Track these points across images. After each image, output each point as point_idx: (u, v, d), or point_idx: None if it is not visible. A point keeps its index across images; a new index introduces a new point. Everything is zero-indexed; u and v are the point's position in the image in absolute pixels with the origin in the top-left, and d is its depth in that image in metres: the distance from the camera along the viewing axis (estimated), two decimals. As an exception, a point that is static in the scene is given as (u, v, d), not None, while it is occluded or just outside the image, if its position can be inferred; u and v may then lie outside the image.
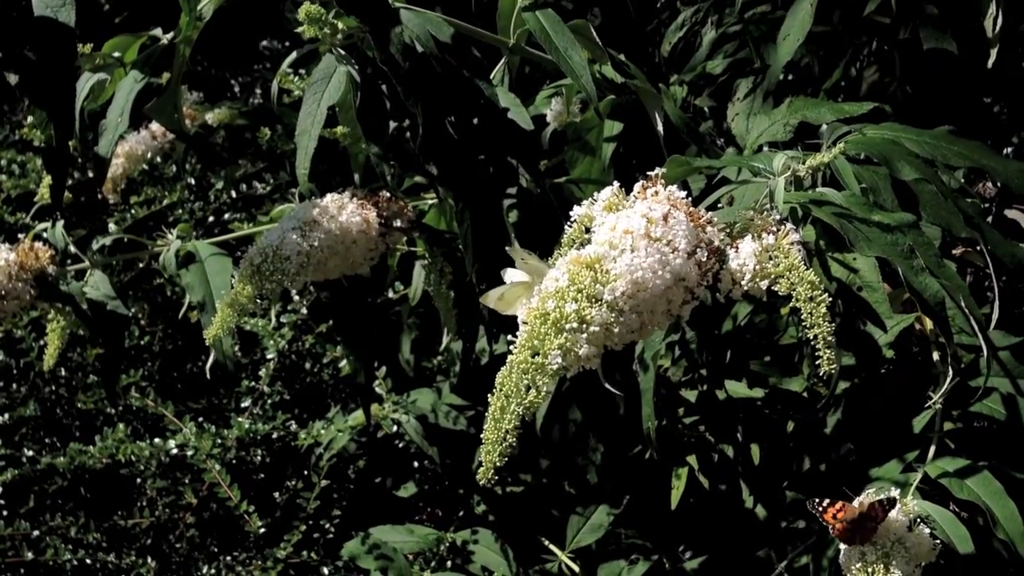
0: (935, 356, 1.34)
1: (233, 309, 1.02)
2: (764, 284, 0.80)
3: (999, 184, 1.79)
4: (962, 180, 1.85)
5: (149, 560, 1.75)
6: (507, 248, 0.82)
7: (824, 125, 1.26)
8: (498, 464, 0.69)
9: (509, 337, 0.75)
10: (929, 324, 1.40)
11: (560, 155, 1.55)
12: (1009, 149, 2.23)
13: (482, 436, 0.70)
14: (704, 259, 0.79)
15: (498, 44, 1.25)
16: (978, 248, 1.18)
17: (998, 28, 1.47)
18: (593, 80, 1.35)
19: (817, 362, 0.76)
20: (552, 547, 1.88)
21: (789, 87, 2.07)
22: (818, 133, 1.25)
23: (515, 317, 0.79)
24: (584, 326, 0.71)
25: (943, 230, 1.23)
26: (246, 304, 1.02)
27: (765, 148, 1.42)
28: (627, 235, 0.76)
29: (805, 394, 1.65)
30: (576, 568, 1.84)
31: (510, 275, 0.82)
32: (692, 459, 1.80)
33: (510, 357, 0.71)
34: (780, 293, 0.79)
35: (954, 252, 1.43)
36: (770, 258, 0.80)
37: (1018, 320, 1.40)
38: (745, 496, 1.70)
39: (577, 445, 1.98)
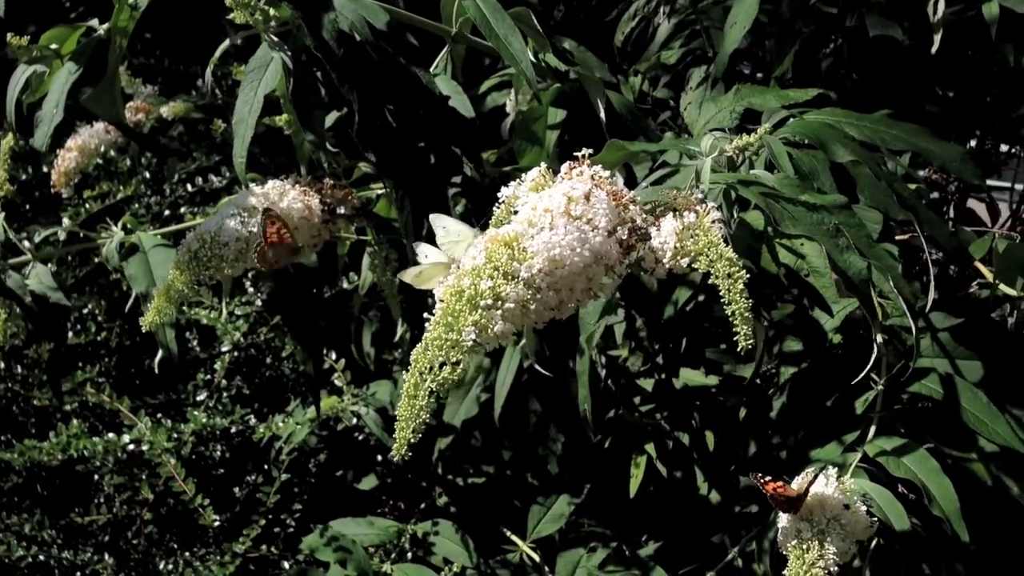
0: (878, 339, 1.36)
1: (169, 297, 1.02)
2: (685, 262, 0.80)
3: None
4: (919, 170, 1.88)
5: (106, 557, 1.74)
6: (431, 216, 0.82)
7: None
8: (411, 440, 0.69)
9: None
10: (877, 308, 1.41)
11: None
12: (972, 143, 2.25)
13: (396, 413, 0.70)
14: (625, 237, 0.79)
15: (441, 33, 1.26)
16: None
17: (940, 13, 1.49)
18: (539, 68, 1.36)
19: (735, 337, 0.77)
20: (514, 537, 1.89)
21: (742, 77, 2.09)
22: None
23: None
24: (499, 303, 0.71)
25: (886, 215, 1.25)
26: (183, 291, 1.02)
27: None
28: (547, 213, 0.76)
29: (758, 381, 1.67)
30: (537, 558, 1.85)
31: (423, 249, 0.83)
32: (650, 447, 1.81)
33: (425, 334, 0.71)
34: (700, 270, 0.80)
35: (897, 238, 1.45)
36: (691, 236, 0.81)
37: (961, 303, 1.42)
38: (700, 482, 1.72)
39: (538, 436, 1.98)
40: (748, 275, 0.78)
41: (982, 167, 2.24)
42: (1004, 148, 2.37)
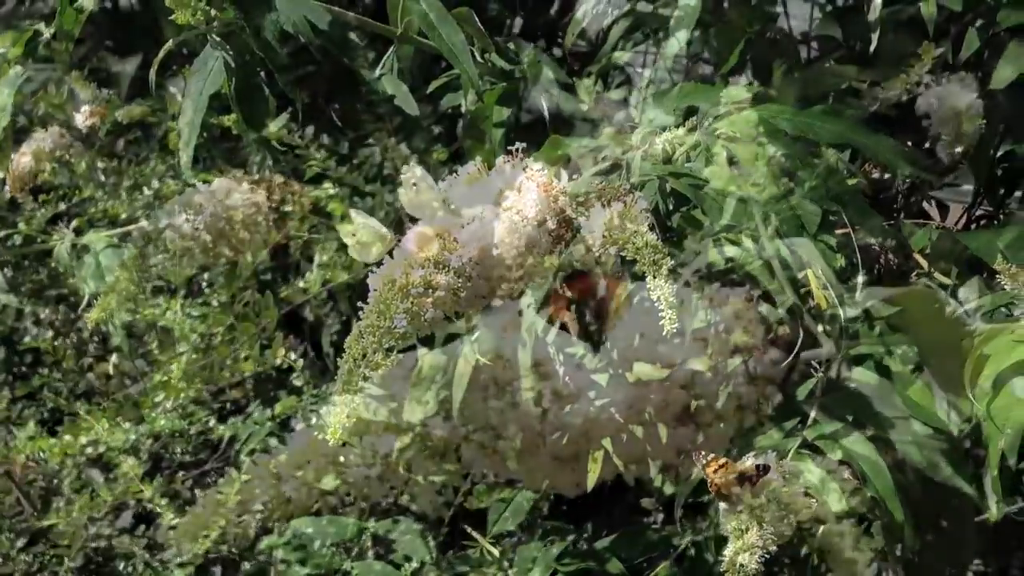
0: (820, 328, 1.39)
1: (115, 295, 1.03)
2: (612, 250, 0.83)
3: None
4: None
5: (66, 560, 1.75)
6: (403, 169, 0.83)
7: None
8: (345, 424, 0.71)
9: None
10: (820, 298, 1.45)
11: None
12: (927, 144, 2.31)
13: (331, 399, 0.72)
14: (554, 227, 0.82)
15: (386, 33, 1.28)
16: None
17: (878, 12, 1.53)
18: (485, 68, 1.39)
19: (661, 322, 0.80)
20: (474, 533, 1.91)
21: (702, 78, 2.13)
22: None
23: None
24: (430, 291, 0.74)
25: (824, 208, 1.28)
26: (130, 289, 1.04)
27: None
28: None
29: (709, 374, 1.69)
30: (497, 553, 1.87)
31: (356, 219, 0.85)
32: (606, 442, 1.84)
33: (359, 323, 0.74)
34: (627, 257, 0.82)
35: (838, 232, 1.49)
36: (618, 225, 0.83)
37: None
38: (654, 475, 1.74)
39: (497, 432, 2.00)
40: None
41: (939, 167, 2.30)
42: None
